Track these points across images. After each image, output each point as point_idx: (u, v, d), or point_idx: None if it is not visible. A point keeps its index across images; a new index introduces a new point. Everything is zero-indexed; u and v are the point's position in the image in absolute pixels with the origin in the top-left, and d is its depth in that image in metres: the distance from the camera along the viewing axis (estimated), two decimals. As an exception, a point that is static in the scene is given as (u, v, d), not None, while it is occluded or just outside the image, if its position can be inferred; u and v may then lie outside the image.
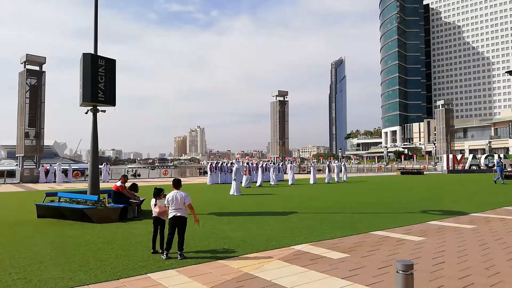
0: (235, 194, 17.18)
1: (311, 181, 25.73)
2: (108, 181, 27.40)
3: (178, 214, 6.17)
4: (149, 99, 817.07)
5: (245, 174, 21.74)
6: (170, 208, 6.19)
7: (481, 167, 47.14)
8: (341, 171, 28.66)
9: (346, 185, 24.87)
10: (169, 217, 6.19)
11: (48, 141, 67.28)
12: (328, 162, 29.43)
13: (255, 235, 7.87)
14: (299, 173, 41.03)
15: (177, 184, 6.37)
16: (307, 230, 8.41)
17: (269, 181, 25.35)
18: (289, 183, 24.60)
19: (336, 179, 27.60)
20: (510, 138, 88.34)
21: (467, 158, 49.87)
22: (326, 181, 26.92)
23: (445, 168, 44.43)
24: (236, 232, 8.15)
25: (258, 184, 23.15)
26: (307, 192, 19.35)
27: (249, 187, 21.66)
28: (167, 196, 6.30)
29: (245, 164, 23.44)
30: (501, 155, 54.39)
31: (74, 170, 31.05)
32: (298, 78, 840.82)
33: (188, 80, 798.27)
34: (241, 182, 20.65)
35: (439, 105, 50.37)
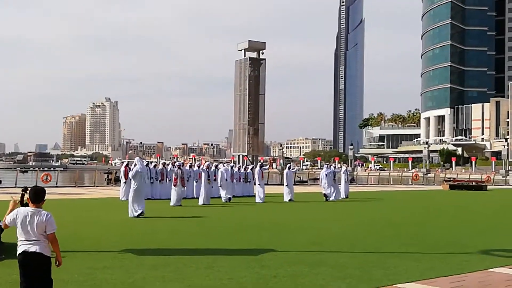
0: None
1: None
2: None
3: (32, 250, 5.92)
4: (18, 46, 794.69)
5: (175, 185, 22.44)
6: (18, 236, 6.01)
7: None
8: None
9: (350, 205, 25.38)
10: (18, 252, 5.99)
11: None
12: (327, 166, 29.60)
13: (201, 288, 7.88)
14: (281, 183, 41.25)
15: (37, 198, 6.15)
16: (289, 280, 8.49)
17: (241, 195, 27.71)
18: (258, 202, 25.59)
19: (343, 194, 28.71)
20: None
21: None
22: (329, 198, 27.41)
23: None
24: (168, 284, 8.14)
25: (224, 199, 25.09)
26: (292, 215, 19.51)
27: (206, 204, 23.01)
28: (13, 213, 6.10)
29: (174, 168, 24.15)
30: None
31: None
32: (283, 20, 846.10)
33: (93, 16, 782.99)
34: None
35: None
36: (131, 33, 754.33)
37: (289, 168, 29.41)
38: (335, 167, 31.59)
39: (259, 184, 26.25)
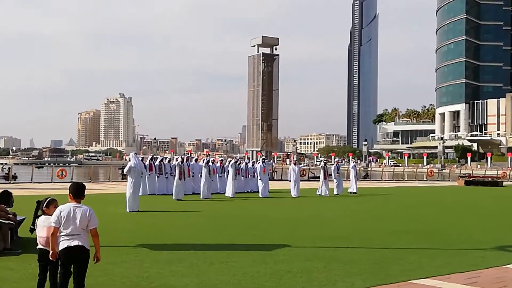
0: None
1: (320, 192, 27.67)
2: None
3: (75, 244, 6.09)
4: (34, 42, 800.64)
5: (180, 179, 23.02)
6: (61, 232, 6.14)
7: None
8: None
9: (362, 200, 25.45)
10: (60, 248, 6.14)
11: None
12: (337, 164, 30.15)
13: (215, 284, 7.92)
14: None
15: (79, 193, 6.32)
16: (304, 276, 8.51)
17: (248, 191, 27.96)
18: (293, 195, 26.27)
19: (353, 189, 29.48)
20: None
21: None
22: (335, 192, 28.27)
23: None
24: (182, 279, 8.18)
25: (229, 194, 25.53)
26: (304, 210, 19.53)
27: (208, 198, 23.56)
28: (57, 211, 6.21)
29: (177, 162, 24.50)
30: None
31: None
32: (296, 15, 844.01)
33: (107, 12, 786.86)
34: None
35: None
36: (146, 29, 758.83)
37: (295, 163, 29.64)
38: (338, 162, 31.72)
39: (260, 179, 26.64)
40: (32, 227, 6.49)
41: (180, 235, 12.93)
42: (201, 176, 25.62)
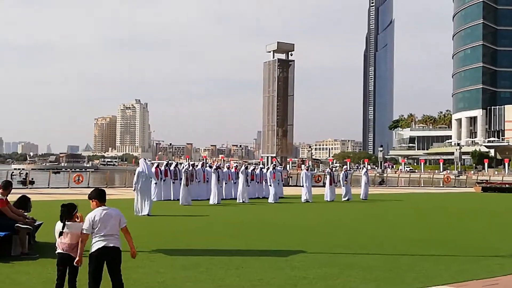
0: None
1: (327, 198, 27.91)
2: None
3: (111, 245, 6.39)
4: (47, 49, 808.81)
5: (187, 185, 23.31)
6: (96, 234, 6.38)
7: None
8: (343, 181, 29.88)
9: (378, 206, 25.43)
10: (94, 249, 6.35)
11: None
12: (345, 171, 30.34)
13: (231, 289, 7.93)
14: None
15: (104, 197, 6.62)
16: (320, 282, 8.52)
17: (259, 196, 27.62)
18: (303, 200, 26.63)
19: (362, 196, 29.65)
20: None
21: None
22: (342, 198, 28.47)
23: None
24: (198, 284, 8.21)
25: (240, 200, 25.46)
26: (317, 216, 19.51)
27: (218, 203, 23.72)
28: (89, 218, 6.40)
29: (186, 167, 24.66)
30: None
31: None
32: (312, 21, 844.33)
33: (120, 18, 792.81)
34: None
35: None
36: (162, 35, 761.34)
37: (307, 169, 29.73)
38: (347, 169, 31.81)
39: (270, 185, 26.87)
40: (62, 231, 6.67)
41: (193, 240, 12.93)
42: (208, 181, 26.09)
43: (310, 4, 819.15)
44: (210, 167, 27.69)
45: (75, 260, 6.44)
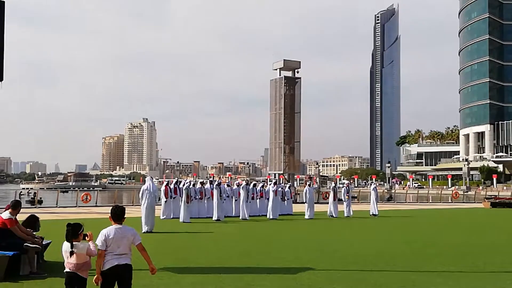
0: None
1: (331, 214, 28.15)
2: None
3: (123, 262, 6.44)
4: (59, 71, 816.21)
5: (188, 202, 23.58)
6: (108, 253, 6.40)
7: None
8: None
9: (386, 222, 25.35)
10: (107, 268, 6.38)
11: None
12: (346, 186, 30.42)
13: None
14: (317, 201, 41.31)
15: (120, 215, 6.67)
16: (329, 299, 8.44)
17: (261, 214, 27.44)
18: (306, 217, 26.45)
19: (374, 211, 29.45)
20: None
21: None
22: (345, 214, 28.43)
23: None
24: (207, 302, 8.16)
25: (242, 216, 25.47)
26: (321, 233, 19.43)
27: (219, 220, 23.93)
28: (103, 235, 6.42)
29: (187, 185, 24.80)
30: None
31: None
32: (317, 39, 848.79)
33: (129, 38, 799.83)
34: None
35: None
36: (167, 53, 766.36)
37: (309, 185, 29.75)
38: (348, 185, 31.86)
39: (266, 199, 27.05)
40: (72, 250, 6.68)
41: (201, 257, 12.88)
42: (208, 198, 26.15)
43: (316, 21, 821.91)
44: (211, 182, 27.80)
45: (94, 278, 6.39)
